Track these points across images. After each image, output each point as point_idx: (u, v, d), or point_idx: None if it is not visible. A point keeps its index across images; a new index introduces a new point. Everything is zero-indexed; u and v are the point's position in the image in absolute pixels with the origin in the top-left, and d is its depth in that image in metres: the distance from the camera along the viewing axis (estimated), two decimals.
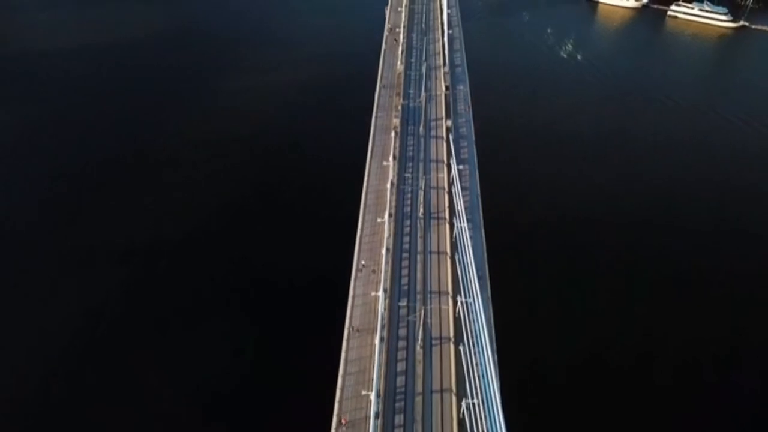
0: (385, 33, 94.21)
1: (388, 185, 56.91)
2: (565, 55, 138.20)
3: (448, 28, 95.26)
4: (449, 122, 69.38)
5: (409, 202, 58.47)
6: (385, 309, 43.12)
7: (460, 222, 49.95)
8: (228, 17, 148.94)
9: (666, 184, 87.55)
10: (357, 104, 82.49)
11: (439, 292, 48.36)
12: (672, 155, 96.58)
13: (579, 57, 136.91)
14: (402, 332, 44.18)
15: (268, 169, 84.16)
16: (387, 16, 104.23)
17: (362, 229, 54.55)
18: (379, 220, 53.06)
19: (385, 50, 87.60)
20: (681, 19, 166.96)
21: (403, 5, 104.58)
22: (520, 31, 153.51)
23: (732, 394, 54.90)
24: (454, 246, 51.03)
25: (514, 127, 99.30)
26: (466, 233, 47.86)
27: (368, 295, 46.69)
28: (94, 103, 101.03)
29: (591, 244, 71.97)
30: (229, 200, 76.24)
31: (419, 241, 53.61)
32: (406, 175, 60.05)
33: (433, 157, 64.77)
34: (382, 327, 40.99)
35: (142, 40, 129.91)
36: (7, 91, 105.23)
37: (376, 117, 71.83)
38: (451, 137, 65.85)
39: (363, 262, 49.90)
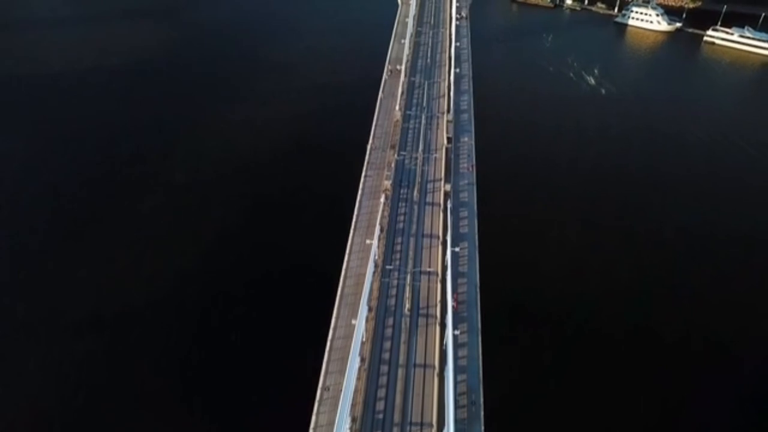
0: (385, 75, 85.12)
1: (371, 268, 47.59)
2: (588, 89, 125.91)
3: (455, 66, 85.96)
4: (448, 186, 59.84)
5: (394, 292, 49.54)
6: None
7: (453, 323, 40.95)
8: (208, 45, 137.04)
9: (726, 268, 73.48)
10: (346, 161, 71.94)
11: (421, 425, 39.04)
12: (721, 212, 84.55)
13: (603, 91, 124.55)
14: None
15: (239, 243, 73.80)
16: (389, 52, 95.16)
17: (335, 330, 46.05)
18: (353, 321, 43.75)
19: (381, 99, 78.32)
20: (719, 45, 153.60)
21: (408, 36, 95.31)
22: (540, 61, 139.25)
23: None
24: (444, 357, 41.59)
25: (525, 191, 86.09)
26: (451, 344, 39.96)
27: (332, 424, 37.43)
28: (92, 124, 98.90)
29: (614, 361, 58.48)
30: (179, 291, 66.66)
31: (402, 349, 44.63)
32: (389, 267, 50.37)
33: (426, 231, 55.33)
34: None
35: (137, 58, 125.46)
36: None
37: (365, 176, 62.69)
38: (449, 205, 56.36)
39: (330, 383, 40.76)
